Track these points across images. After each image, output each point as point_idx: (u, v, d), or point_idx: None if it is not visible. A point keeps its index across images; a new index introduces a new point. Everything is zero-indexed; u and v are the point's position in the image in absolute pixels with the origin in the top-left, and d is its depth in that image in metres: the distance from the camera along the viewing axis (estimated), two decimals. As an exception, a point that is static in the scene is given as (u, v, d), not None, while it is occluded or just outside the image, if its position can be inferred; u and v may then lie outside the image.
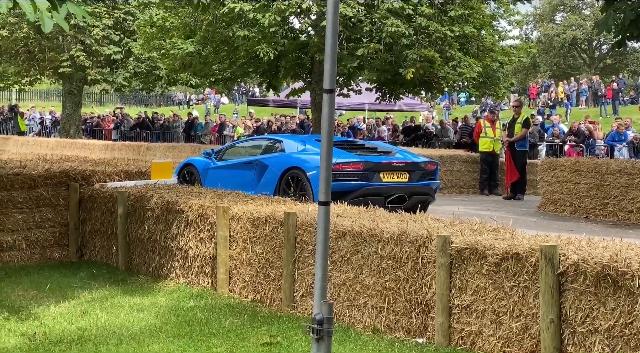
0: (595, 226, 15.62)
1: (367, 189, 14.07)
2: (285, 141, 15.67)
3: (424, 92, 27.55)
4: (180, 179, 16.01)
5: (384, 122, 34.82)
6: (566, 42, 67.78)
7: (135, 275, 10.94)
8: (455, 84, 25.58)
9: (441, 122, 33.64)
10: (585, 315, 6.49)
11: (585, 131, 27.92)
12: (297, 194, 14.04)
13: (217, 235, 9.77)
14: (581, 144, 27.14)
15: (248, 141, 19.18)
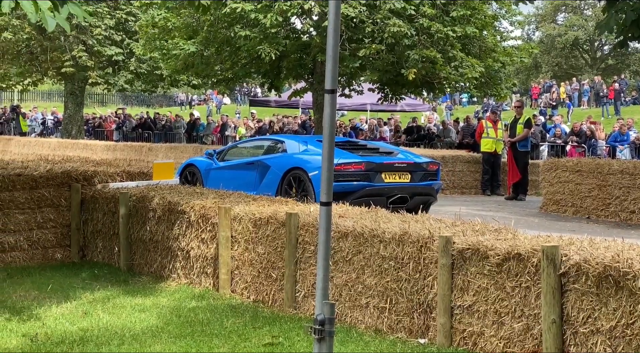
0: (597, 226, 15.61)
1: (369, 190, 14.06)
2: (287, 141, 15.66)
3: (425, 93, 27.52)
4: (182, 180, 16.02)
5: (385, 123, 34.79)
6: (568, 42, 67.76)
7: (137, 276, 10.95)
8: (457, 85, 25.57)
9: (443, 123, 33.61)
10: (587, 316, 6.49)
11: (587, 131, 27.89)
12: (299, 195, 14.04)
13: (219, 235, 9.78)
14: (583, 145, 27.11)
15: (250, 141, 19.18)
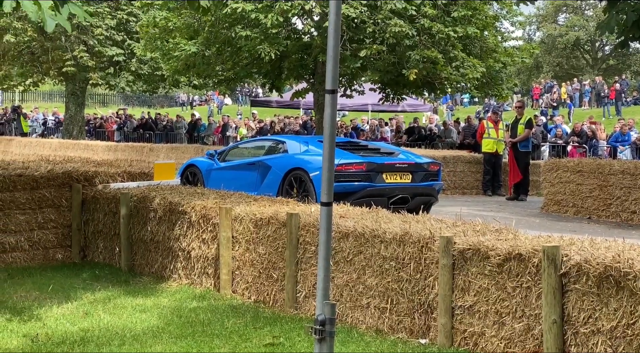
0: (598, 227, 15.60)
1: (370, 190, 14.05)
2: (288, 142, 15.66)
3: (427, 93, 27.51)
4: (183, 180, 16.03)
5: (386, 123, 34.80)
6: (569, 43, 67.74)
7: (138, 276, 10.95)
8: (458, 85, 25.56)
9: (444, 123, 33.60)
10: (588, 316, 6.49)
11: (588, 132, 27.88)
12: (300, 195, 14.04)
13: (220, 235, 9.78)
14: (584, 145, 27.10)
15: (251, 142, 19.18)
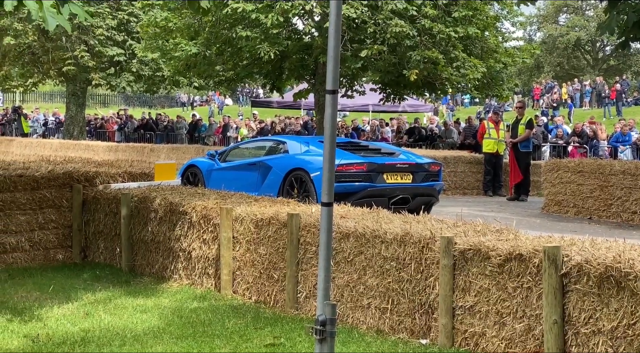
0: (599, 227, 15.60)
1: (370, 191, 14.04)
2: (289, 142, 15.65)
3: (427, 94, 27.51)
4: (183, 181, 16.02)
5: (387, 124, 34.80)
6: (570, 43, 67.72)
7: (138, 277, 10.95)
8: (459, 86, 25.55)
9: (445, 124, 33.61)
10: (589, 316, 6.49)
11: (589, 132, 27.87)
12: (301, 196, 14.03)
13: (221, 236, 9.78)
14: (585, 146, 27.10)
15: (252, 142, 19.17)
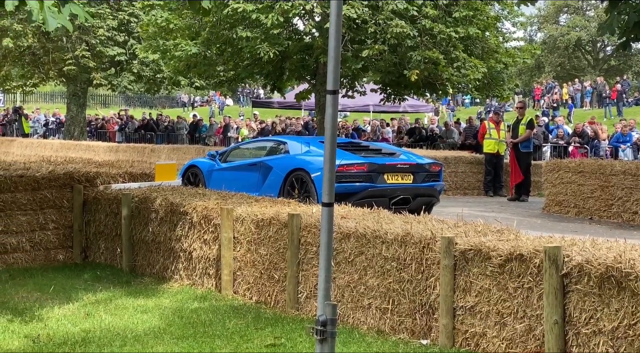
0: (600, 227, 15.59)
1: (371, 191, 14.04)
2: (290, 142, 15.65)
3: (428, 94, 27.51)
4: (184, 181, 16.02)
5: (388, 124, 34.81)
6: (570, 43, 67.71)
7: (139, 277, 10.96)
8: (460, 86, 25.55)
9: (446, 124, 33.61)
10: (589, 316, 6.49)
11: (591, 132, 27.87)
12: (302, 196, 14.03)
13: (221, 236, 9.78)
14: (585, 146, 27.11)
15: (252, 142, 19.16)
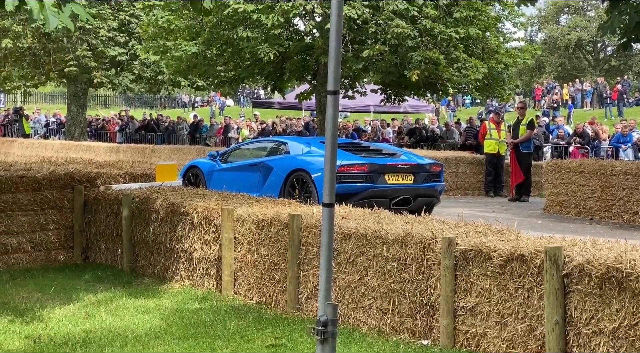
0: (600, 227, 15.59)
1: (372, 191, 14.04)
2: (290, 143, 15.65)
3: (429, 95, 27.51)
4: (185, 182, 16.02)
5: (388, 124, 34.81)
6: (571, 43, 67.69)
7: (140, 277, 10.96)
8: (460, 86, 25.55)
9: (446, 124, 33.62)
10: (590, 317, 6.49)
11: (591, 132, 27.86)
12: (302, 197, 14.03)
13: (222, 237, 9.78)
14: (586, 146, 27.10)
15: (253, 143, 19.17)
